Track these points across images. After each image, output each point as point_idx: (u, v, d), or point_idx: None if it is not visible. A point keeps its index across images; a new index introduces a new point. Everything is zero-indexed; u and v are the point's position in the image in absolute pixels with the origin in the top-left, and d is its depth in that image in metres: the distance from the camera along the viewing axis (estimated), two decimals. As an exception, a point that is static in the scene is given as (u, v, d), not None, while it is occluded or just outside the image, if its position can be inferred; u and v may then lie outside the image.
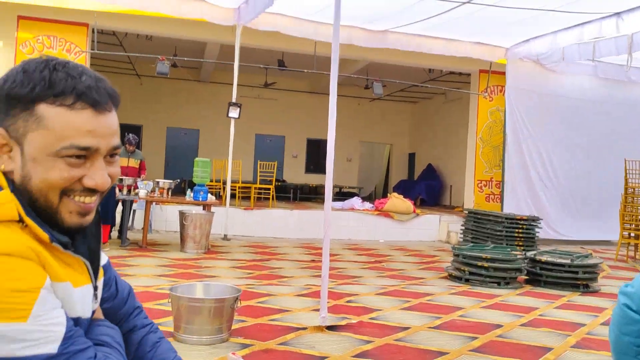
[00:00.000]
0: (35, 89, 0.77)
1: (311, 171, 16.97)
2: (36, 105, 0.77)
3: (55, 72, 0.79)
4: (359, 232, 10.02)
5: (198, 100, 15.50)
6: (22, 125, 0.78)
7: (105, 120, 0.81)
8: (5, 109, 0.79)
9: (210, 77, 15.12)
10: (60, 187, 0.79)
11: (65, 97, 0.78)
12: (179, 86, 14.98)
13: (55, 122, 0.77)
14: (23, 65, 0.80)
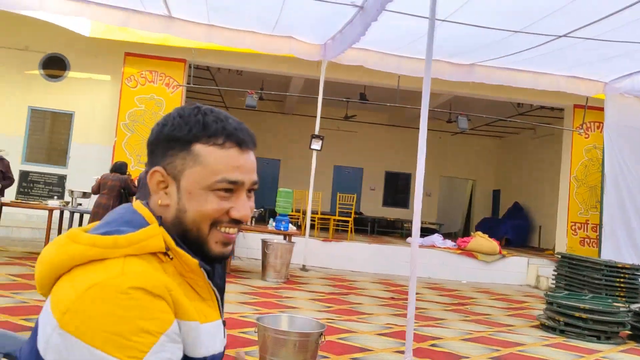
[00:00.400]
0: (192, 131, 0.87)
1: (389, 204, 16.77)
2: (192, 145, 0.86)
3: (207, 116, 0.88)
4: (441, 270, 9.68)
5: (281, 132, 15.90)
6: (180, 163, 0.87)
7: (248, 157, 0.90)
8: (164, 150, 0.88)
9: (294, 110, 15.50)
10: (212, 219, 0.86)
11: (217, 137, 0.87)
12: (264, 117, 15.45)
13: (210, 159, 0.86)
14: (178, 112, 0.90)
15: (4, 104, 10.55)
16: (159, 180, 0.88)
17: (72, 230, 0.83)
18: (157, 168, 0.88)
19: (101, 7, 8.11)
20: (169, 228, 0.86)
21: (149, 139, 0.92)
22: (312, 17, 7.59)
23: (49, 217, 7.79)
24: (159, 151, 0.89)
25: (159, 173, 0.88)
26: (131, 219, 0.86)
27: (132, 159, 10.53)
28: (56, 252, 0.80)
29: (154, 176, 0.89)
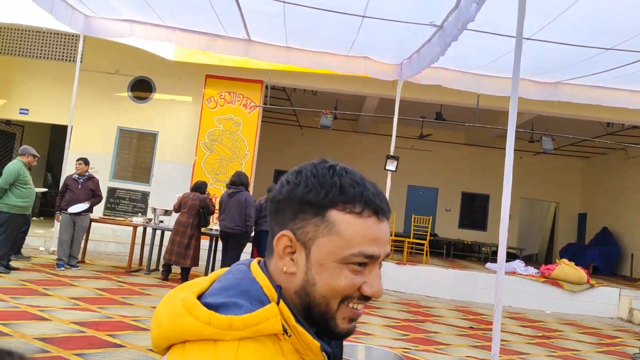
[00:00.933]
0: (328, 195, 0.78)
1: (465, 226, 16.22)
2: (328, 211, 0.78)
3: (343, 178, 0.80)
4: (522, 299, 9.18)
5: (354, 150, 15.87)
6: (312, 229, 0.78)
7: (384, 227, 0.80)
8: (295, 213, 0.80)
9: (368, 129, 15.44)
10: (343, 294, 0.78)
11: (355, 204, 0.78)
12: (337, 136, 15.50)
13: (346, 229, 0.77)
14: (311, 170, 0.81)
15: (96, 124, 11.24)
16: (287, 245, 0.80)
17: (190, 298, 0.77)
18: (286, 232, 0.80)
19: (185, 32, 8.48)
20: (291, 298, 0.80)
21: (276, 195, 0.83)
22: (388, 37, 7.54)
23: (133, 232, 8.14)
24: (289, 212, 0.80)
25: (287, 237, 0.80)
26: (249, 289, 0.79)
27: (210, 178, 10.86)
28: (171, 323, 0.76)
29: (282, 240, 0.80)
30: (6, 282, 6.26)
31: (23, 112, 11.39)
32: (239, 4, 6.90)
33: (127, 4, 7.56)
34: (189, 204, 7.60)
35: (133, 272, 7.93)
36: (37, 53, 11.44)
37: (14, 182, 6.93)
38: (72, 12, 7.95)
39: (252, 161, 10.94)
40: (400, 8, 6.32)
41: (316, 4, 6.58)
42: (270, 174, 15.27)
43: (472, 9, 4.92)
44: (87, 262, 8.27)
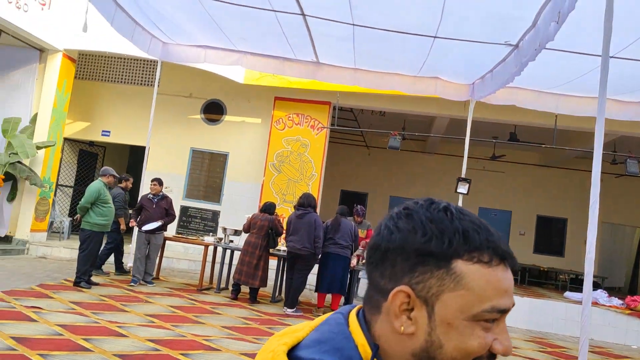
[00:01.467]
0: (452, 244, 0.69)
1: (541, 251, 15.45)
2: (453, 262, 0.69)
3: (463, 222, 0.71)
4: (605, 332, 8.57)
5: (422, 171, 15.61)
6: (435, 284, 0.69)
7: (510, 277, 0.72)
8: (412, 265, 0.70)
9: (436, 149, 15.16)
10: (474, 356, 0.69)
11: (482, 253, 0.69)
12: (405, 157, 15.30)
13: (475, 282, 0.68)
14: (425, 214, 0.72)
15: (171, 145, 11.71)
16: (403, 302, 0.70)
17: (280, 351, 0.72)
18: (404, 288, 0.70)
19: (256, 56, 8.69)
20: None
21: (381, 243, 0.73)
22: (460, 57, 7.37)
23: (204, 251, 8.34)
24: (403, 264, 0.71)
25: (404, 294, 0.70)
26: (342, 346, 0.71)
27: (277, 198, 11.00)
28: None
29: (398, 297, 0.70)
30: (87, 297, 6.57)
31: (105, 133, 12.06)
32: (308, 28, 7.00)
33: (202, 30, 7.85)
34: (258, 225, 7.70)
35: (204, 290, 8.11)
36: (118, 78, 12.12)
37: (95, 201, 7.30)
38: (151, 40, 8.35)
39: (319, 182, 10.98)
40: (474, 28, 6.18)
41: (386, 26, 6.56)
42: (337, 195, 15.27)
43: (552, 27, 4.71)
44: (161, 279, 8.54)
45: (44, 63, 10.36)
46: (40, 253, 9.94)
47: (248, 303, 7.51)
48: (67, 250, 10.01)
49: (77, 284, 7.14)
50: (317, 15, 6.55)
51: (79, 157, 12.77)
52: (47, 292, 6.56)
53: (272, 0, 6.22)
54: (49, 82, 10.30)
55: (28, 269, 8.29)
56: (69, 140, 12.02)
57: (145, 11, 7.25)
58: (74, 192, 12.45)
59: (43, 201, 10.33)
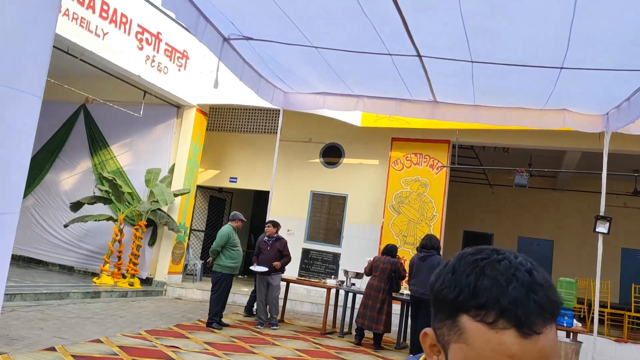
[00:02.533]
0: (459, 297, 0.69)
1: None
2: (459, 315, 0.69)
3: (482, 278, 0.68)
4: None
5: (552, 210, 14.56)
6: (446, 333, 0.71)
7: (530, 345, 0.65)
8: (435, 311, 0.74)
9: (568, 185, 14.10)
10: None
11: (488, 311, 0.66)
12: (532, 194, 14.40)
13: (475, 339, 0.67)
14: (455, 263, 0.73)
15: (292, 189, 12.14)
16: (431, 344, 0.74)
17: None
18: (428, 330, 0.75)
19: (373, 99, 8.82)
20: None
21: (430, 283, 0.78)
22: (591, 87, 6.88)
23: (327, 294, 8.40)
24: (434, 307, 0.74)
25: (429, 337, 0.74)
26: None
27: (398, 240, 10.85)
28: None
29: (425, 338, 0.75)
30: (219, 337, 6.88)
31: (232, 180, 12.85)
32: (425, 68, 6.98)
33: (320, 78, 8.16)
34: (380, 268, 7.62)
35: (327, 334, 8.12)
36: (244, 128, 12.95)
37: (225, 245, 7.73)
38: (274, 90, 8.84)
39: (441, 223, 10.68)
40: (604, 55, 5.76)
41: (507, 60, 6.34)
42: (460, 236, 14.71)
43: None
44: (285, 321, 8.72)
45: (181, 118, 11.41)
46: (176, 294, 10.67)
47: (372, 349, 7.38)
48: (199, 292, 10.65)
49: (209, 324, 7.52)
50: (433, 55, 6.53)
51: (209, 203, 13.69)
52: (183, 332, 6.99)
53: (389, 45, 6.32)
54: (185, 135, 11.29)
55: (166, 309, 8.92)
56: (201, 187, 12.96)
57: (268, 64, 7.73)
58: (205, 236, 13.31)
59: (179, 245, 11.16)
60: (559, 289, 7.00)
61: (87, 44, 8.37)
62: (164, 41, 10.14)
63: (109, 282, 10.11)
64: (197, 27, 5.96)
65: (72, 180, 12.07)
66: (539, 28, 5.42)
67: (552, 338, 0.67)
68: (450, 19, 5.36)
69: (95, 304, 8.46)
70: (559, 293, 0.70)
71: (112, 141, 11.84)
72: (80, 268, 11.42)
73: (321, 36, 6.43)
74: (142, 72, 9.59)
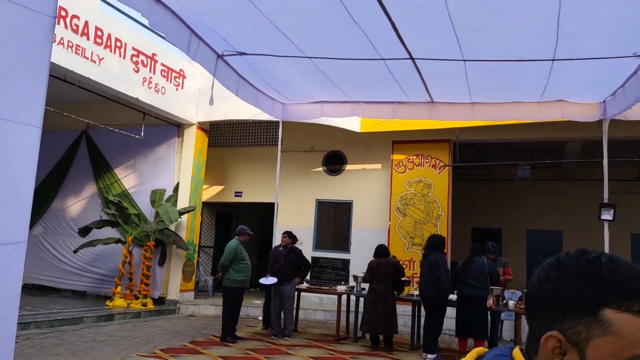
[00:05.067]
0: (600, 294, 0.75)
1: None
2: (601, 310, 0.75)
3: (614, 273, 0.76)
4: None
5: (558, 200, 14.53)
6: (583, 330, 0.75)
7: None
8: (563, 312, 0.77)
9: (571, 175, 14.08)
10: None
11: (633, 301, 0.74)
12: (536, 186, 14.37)
13: (625, 329, 0.73)
14: (574, 265, 0.78)
15: (297, 199, 12.19)
16: (555, 347, 0.78)
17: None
18: (554, 333, 0.78)
19: (370, 104, 8.88)
20: None
21: (535, 291, 0.81)
22: (585, 76, 6.92)
23: (338, 301, 8.43)
24: (555, 311, 0.78)
25: (555, 339, 0.78)
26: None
27: (405, 242, 10.87)
28: None
29: (549, 342, 0.78)
30: (234, 351, 6.92)
31: (237, 194, 12.92)
32: (419, 70, 7.04)
33: (317, 87, 8.24)
34: (383, 271, 7.66)
35: (341, 339, 8.14)
36: (245, 142, 13.04)
37: (233, 259, 7.78)
38: (273, 103, 8.93)
39: (447, 221, 10.69)
40: (595, 44, 5.80)
41: (499, 57, 6.40)
42: (468, 233, 14.68)
43: (689, 29, 4.28)
44: (299, 330, 8.74)
45: (182, 136, 11.51)
46: (190, 311, 10.72)
47: (386, 352, 7.39)
48: (212, 308, 10.69)
49: (223, 339, 7.56)
50: (426, 57, 6.59)
51: (216, 219, 13.76)
52: (198, 348, 7.03)
53: (381, 50, 6.39)
54: (187, 153, 11.38)
55: (180, 327, 8.96)
56: (207, 203, 13.03)
57: (264, 78, 7.81)
58: (214, 252, 13.36)
59: (189, 262, 11.22)
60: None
61: (83, 71, 8.49)
62: (160, 62, 10.26)
63: (122, 304, 10.17)
64: (190, 46, 6.05)
65: (78, 206, 12.18)
66: (527, 23, 5.47)
67: None
68: (439, 20, 5.42)
69: (109, 327, 8.52)
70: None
71: (115, 164, 11.94)
72: (92, 292, 11.50)
73: (314, 46, 6.52)
74: (139, 94, 9.70)
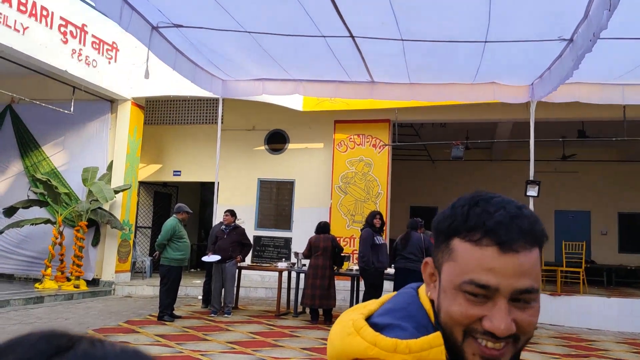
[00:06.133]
0: (453, 224, 0.80)
1: (627, 250, 14.54)
2: (451, 239, 0.79)
3: (475, 208, 0.79)
4: None
5: (491, 180, 15.18)
6: (440, 256, 0.81)
7: (510, 260, 0.74)
8: (435, 241, 0.84)
9: (503, 155, 14.75)
10: (462, 325, 0.76)
11: (474, 232, 0.77)
12: (471, 167, 14.96)
13: (462, 256, 0.77)
14: (455, 201, 0.83)
15: (239, 178, 12.11)
16: (430, 273, 0.84)
17: (359, 319, 0.81)
18: (428, 259, 0.85)
19: (312, 83, 8.90)
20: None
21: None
22: (514, 59, 7.23)
23: (279, 277, 8.51)
24: (435, 239, 0.84)
25: (429, 265, 0.84)
26: (415, 314, 0.82)
27: (347, 219, 11.07)
28: (341, 341, 0.81)
29: (425, 267, 0.85)
30: (171, 329, 6.87)
31: (176, 173, 12.67)
32: (359, 49, 7.12)
33: (258, 64, 8.16)
34: (322, 247, 7.81)
35: (282, 315, 8.25)
36: (184, 119, 12.76)
37: (171, 238, 7.67)
38: (212, 79, 8.76)
39: (386, 199, 10.96)
40: (524, 28, 6.07)
41: (435, 37, 6.57)
42: (406, 211, 15.12)
43: (604, 16, 4.56)
44: (240, 308, 8.77)
45: (115, 113, 11.10)
46: (126, 292, 10.49)
47: (325, 324, 7.56)
48: (150, 288, 10.50)
49: (160, 318, 7.48)
50: (365, 35, 6.67)
51: (154, 199, 13.45)
52: (133, 327, 6.92)
53: (321, 27, 6.41)
54: (121, 130, 11.00)
55: (115, 308, 8.77)
56: (144, 183, 12.71)
57: (203, 52, 7.65)
58: (152, 233, 13.08)
59: (124, 243, 10.94)
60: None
61: (6, 41, 7.98)
62: (91, 33, 9.80)
63: (53, 287, 9.81)
64: (122, 16, 5.82)
65: (3, 185, 11.56)
66: (461, 4, 5.65)
67: (532, 259, 0.75)
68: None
69: (38, 309, 8.22)
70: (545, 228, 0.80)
71: (43, 141, 11.38)
72: (20, 275, 11.01)
73: (253, 20, 6.44)
74: (68, 67, 9.24)
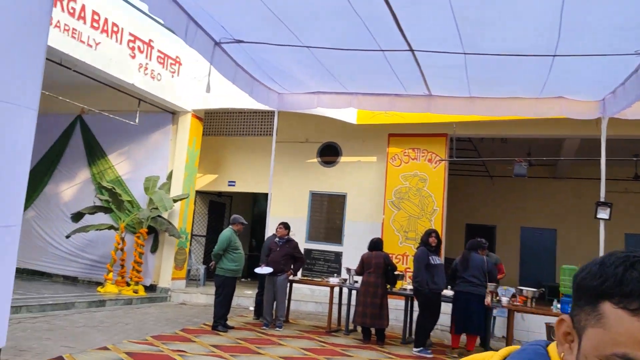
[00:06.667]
0: (604, 284, 0.73)
1: None
2: (600, 302, 0.73)
3: (631, 271, 0.72)
4: None
5: (554, 198, 14.55)
6: (583, 318, 0.75)
7: None
8: (575, 299, 0.78)
9: (568, 173, 14.10)
10: None
11: (631, 300, 0.70)
12: (533, 184, 14.40)
13: (614, 325, 0.70)
14: (603, 258, 0.77)
15: (291, 190, 12.14)
16: (565, 332, 0.77)
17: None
18: (564, 317, 0.78)
19: (367, 96, 8.81)
20: None
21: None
22: (585, 73, 6.89)
23: (331, 293, 8.41)
24: (574, 297, 0.79)
25: (565, 323, 0.78)
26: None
27: (399, 236, 10.85)
28: None
29: (560, 325, 0.79)
30: (225, 340, 6.89)
31: (231, 184, 12.85)
32: (418, 62, 6.98)
33: (314, 77, 8.16)
34: (374, 264, 7.65)
35: (333, 332, 8.13)
36: (240, 131, 12.95)
37: (227, 248, 7.73)
38: (268, 92, 8.84)
39: (442, 217, 10.67)
40: (596, 42, 5.76)
41: (499, 51, 6.34)
42: (462, 229, 14.71)
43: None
44: (290, 322, 8.72)
45: (176, 124, 11.41)
46: (181, 300, 10.67)
47: (378, 345, 7.38)
48: (203, 296, 10.65)
49: (215, 328, 7.53)
50: (425, 49, 6.53)
51: (209, 208, 13.69)
52: (189, 336, 6.99)
53: (380, 41, 6.33)
54: (181, 141, 11.29)
55: (171, 315, 8.92)
56: (200, 192, 12.96)
57: (261, 66, 7.72)
58: (206, 241, 13.31)
59: (181, 251, 11.17)
60: (562, 277, 7.01)
61: (79, 55, 8.37)
62: (156, 48, 10.14)
63: (114, 291, 10.12)
64: (187, 33, 5.96)
65: (71, 191, 12.07)
66: (529, 17, 5.42)
67: None
68: (440, 12, 5.36)
69: (100, 313, 8.46)
70: None
71: (109, 150, 11.84)
72: (84, 278, 11.43)
73: (312, 35, 6.44)
74: (135, 80, 9.59)
